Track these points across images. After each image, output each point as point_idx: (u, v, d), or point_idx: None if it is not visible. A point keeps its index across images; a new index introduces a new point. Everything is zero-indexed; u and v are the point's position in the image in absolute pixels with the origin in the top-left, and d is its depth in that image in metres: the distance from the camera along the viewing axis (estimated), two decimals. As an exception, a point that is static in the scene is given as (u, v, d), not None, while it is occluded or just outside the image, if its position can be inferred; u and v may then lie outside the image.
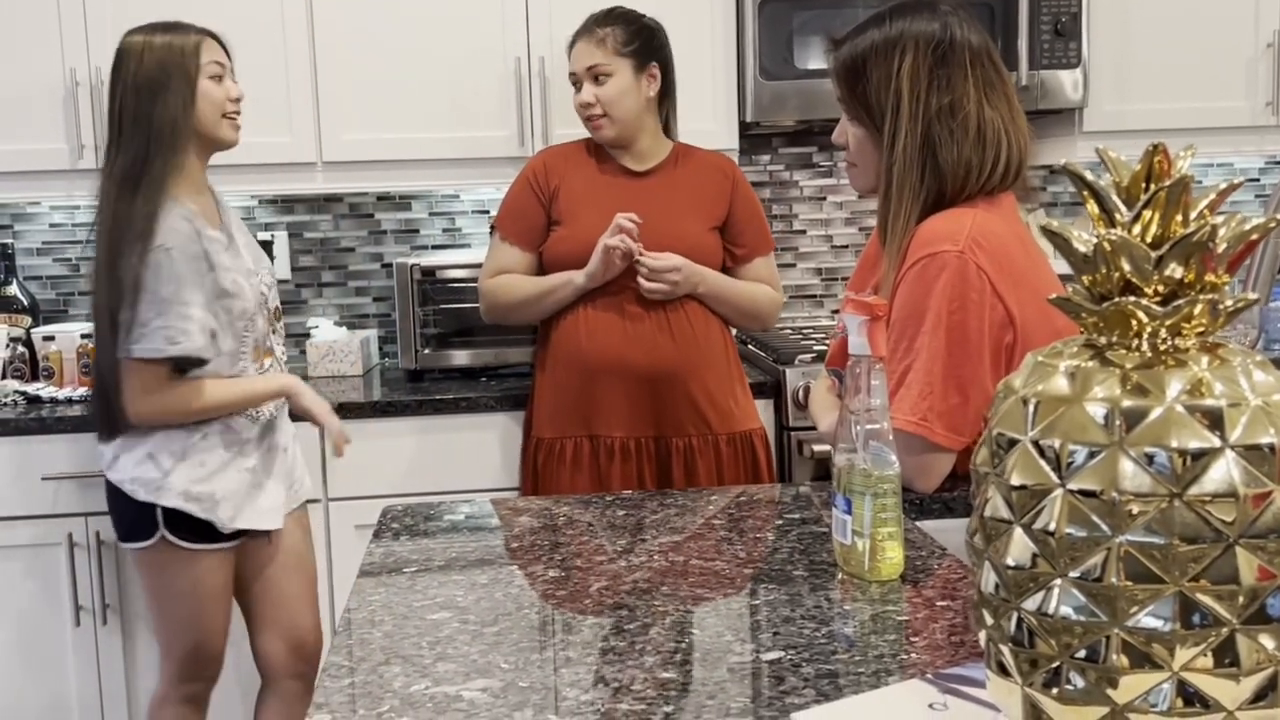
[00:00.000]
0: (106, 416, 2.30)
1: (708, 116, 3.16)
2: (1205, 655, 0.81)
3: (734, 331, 2.75)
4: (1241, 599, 0.80)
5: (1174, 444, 0.81)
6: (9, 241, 3.29)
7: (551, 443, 2.61)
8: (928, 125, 1.70)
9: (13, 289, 3.26)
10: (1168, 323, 0.85)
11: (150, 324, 2.20)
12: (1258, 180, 3.77)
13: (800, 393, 2.88)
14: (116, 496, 2.34)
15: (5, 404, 2.89)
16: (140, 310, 2.20)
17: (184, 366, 2.26)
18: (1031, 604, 0.85)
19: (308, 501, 2.58)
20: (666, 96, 2.70)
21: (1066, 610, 0.83)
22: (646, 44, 2.63)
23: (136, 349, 2.21)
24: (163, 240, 2.21)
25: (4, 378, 3.02)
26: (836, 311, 3.64)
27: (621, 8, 2.67)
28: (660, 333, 2.56)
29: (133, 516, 2.33)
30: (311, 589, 2.55)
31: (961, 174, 1.70)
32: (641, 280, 2.53)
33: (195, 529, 2.32)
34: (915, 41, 1.71)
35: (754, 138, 3.56)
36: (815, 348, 3.04)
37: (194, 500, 2.30)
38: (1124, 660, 0.82)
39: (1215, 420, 0.81)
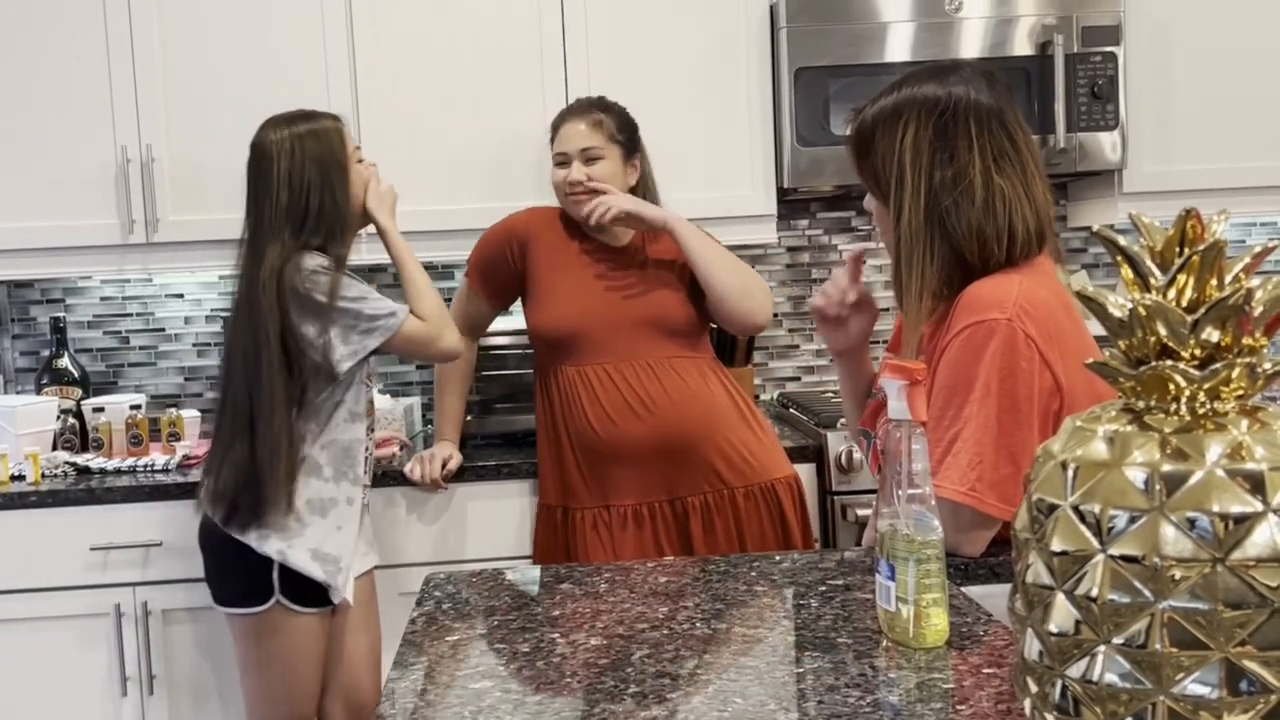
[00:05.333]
0: (254, 507, 2.34)
1: (745, 183, 3.19)
2: (1254, 723, 0.80)
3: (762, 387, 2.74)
4: (1289, 665, 0.79)
5: (1215, 508, 0.80)
6: (60, 315, 3.36)
7: (556, 509, 2.65)
8: (932, 198, 1.69)
9: (64, 361, 3.32)
10: (1206, 386, 0.85)
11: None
12: (1302, 238, 3.74)
13: (843, 456, 2.87)
14: (235, 559, 2.37)
15: (55, 475, 2.93)
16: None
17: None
18: (1076, 671, 0.85)
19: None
20: (640, 182, 2.72)
21: (1111, 677, 0.83)
22: (632, 136, 2.68)
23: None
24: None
25: (54, 449, 3.06)
26: (876, 375, 3.63)
27: (607, 98, 2.72)
28: (663, 400, 2.54)
29: (248, 581, 2.38)
30: (375, 652, 2.61)
31: (977, 245, 1.68)
32: (589, 208, 2.57)
33: (308, 593, 2.39)
34: (918, 112, 1.70)
35: (792, 203, 3.59)
36: (857, 411, 3.03)
37: (320, 559, 2.37)
38: (1171, 728, 0.81)
39: (1257, 484, 0.81)
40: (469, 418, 3.11)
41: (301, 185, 2.38)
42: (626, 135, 2.68)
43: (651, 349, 2.58)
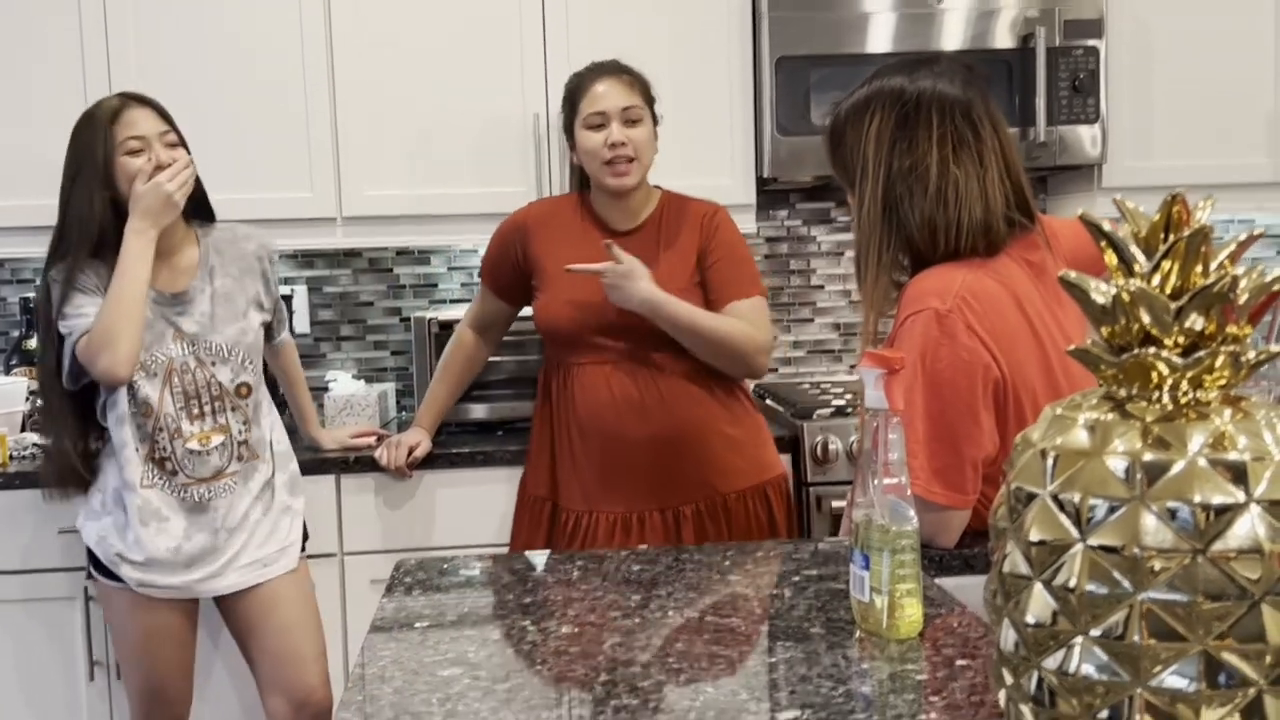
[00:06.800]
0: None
1: (725, 172, 3.17)
2: (1232, 716, 0.79)
3: (751, 385, 2.71)
4: (1269, 658, 0.78)
5: (1196, 499, 0.79)
6: (30, 295, 3.31)
7: (546, 502, 2.60)
8: (889, 187, 1.69)
9: (33, 342, 3.27)
10: (1189, 375, 0.83)
11: None
12: None
13: (819, 448, 2.86)
14: None
15: (24, 456, 2.89)
16: None
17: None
18: (1052, 663, 0.84)
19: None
20: None
21: (1088, 669, 0.82)
22: (653, 103, 2.56)
23: None
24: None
25: (23, 430, 3.02)
26: (854, 366, 3.63)
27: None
28: (658, 408, 2.48)
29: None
30: (315, 647, 2.53)
31: (927, 234, 1.69)
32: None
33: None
34: (882, 103, 1.71)
35: (771, 193, 3.57)
36: (834, 402, 3.02)
37: (102, 546, 2.39)
38: (1148, 721, 0.80)
39: (1238, 474, 0.79)
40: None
41: (63, 181, 2.37)
42: (653, 99, 2.55)
43: (649, 346, 2.48)
